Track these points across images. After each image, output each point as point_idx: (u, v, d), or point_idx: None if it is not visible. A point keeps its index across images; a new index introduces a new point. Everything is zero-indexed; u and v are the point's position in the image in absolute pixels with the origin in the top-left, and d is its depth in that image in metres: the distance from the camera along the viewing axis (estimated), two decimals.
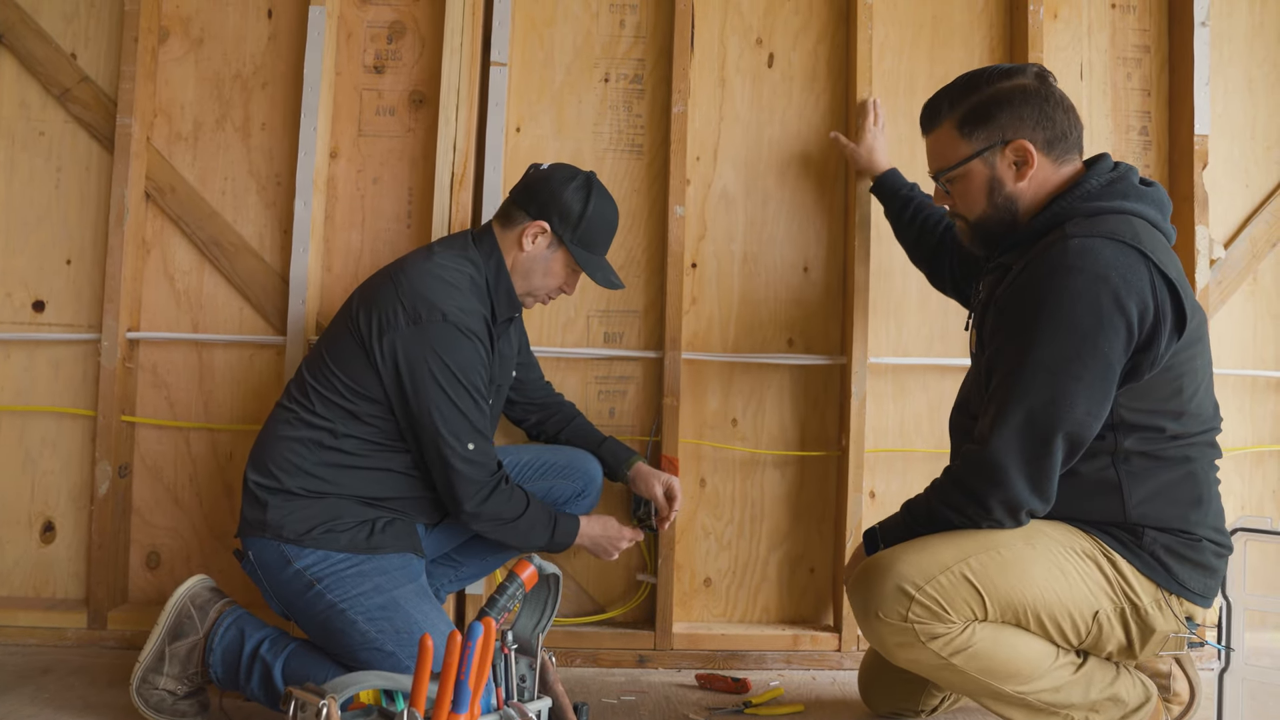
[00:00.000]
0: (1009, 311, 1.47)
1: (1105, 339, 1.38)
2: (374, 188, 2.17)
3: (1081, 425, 1.41)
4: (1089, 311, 1.37)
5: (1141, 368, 1.42)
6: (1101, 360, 1.38)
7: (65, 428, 2.15)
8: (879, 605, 1.47)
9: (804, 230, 2.22)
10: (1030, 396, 1.41)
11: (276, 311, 2.14)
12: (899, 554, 1.49)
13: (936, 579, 1.44)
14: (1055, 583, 1.45)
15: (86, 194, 2.15)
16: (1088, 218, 1.46)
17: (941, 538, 1.49)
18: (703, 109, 2.21)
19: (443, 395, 1.63)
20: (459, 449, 1.65)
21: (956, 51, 2.25)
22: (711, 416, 2.20)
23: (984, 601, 1.44)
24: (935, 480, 1.55)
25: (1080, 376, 1.39)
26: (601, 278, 1.81)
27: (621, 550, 1.91)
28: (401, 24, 2.19)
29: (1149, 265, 1.39)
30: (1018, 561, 1.45)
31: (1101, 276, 1.37)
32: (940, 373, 2.22)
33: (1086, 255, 1.39)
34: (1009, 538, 1.47)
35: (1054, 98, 1.53)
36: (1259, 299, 2.30)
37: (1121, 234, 1.41)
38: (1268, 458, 2.30)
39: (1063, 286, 1.39)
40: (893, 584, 1.45)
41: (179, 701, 1.63)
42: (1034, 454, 1.42)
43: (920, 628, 1.45)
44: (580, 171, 1.80)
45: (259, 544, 1.64)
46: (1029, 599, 1.45)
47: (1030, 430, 1.41)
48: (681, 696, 1.90)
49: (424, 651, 1.21)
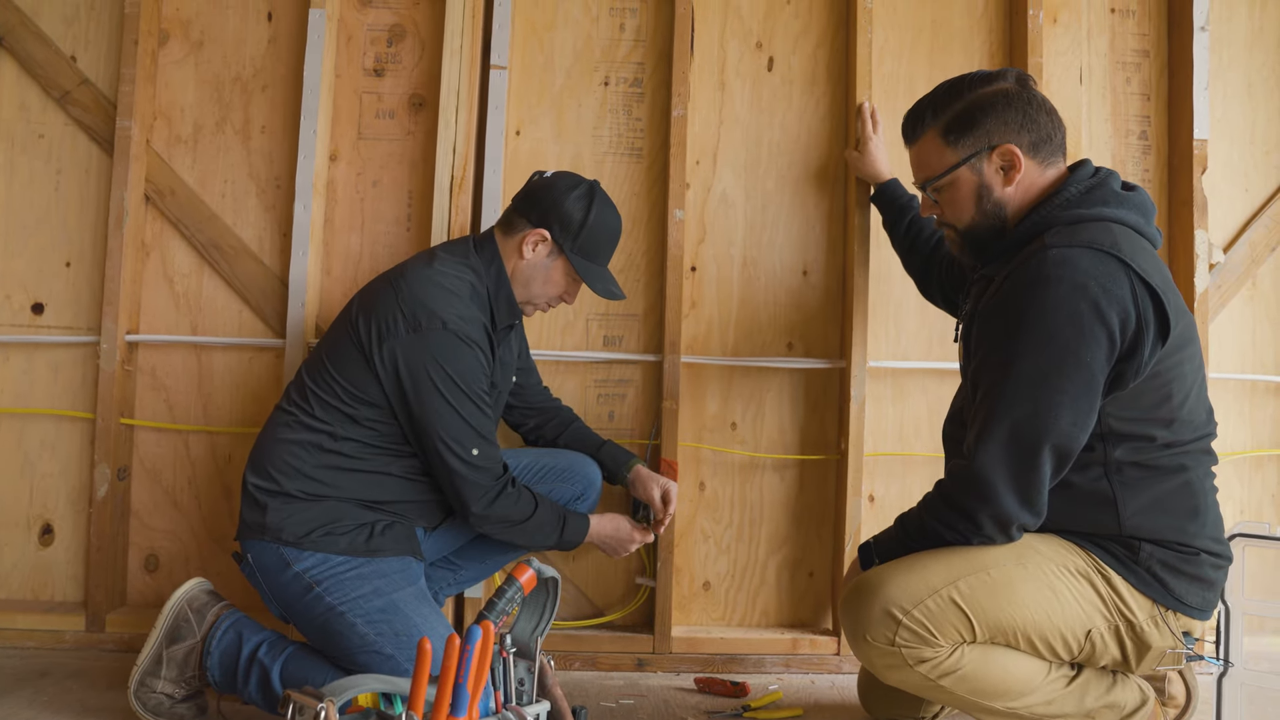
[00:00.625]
0: (990, 324, 1.46)
1: (1087, 349, 1.36)
2: (374, 191, 2.17)
3: (1067, 437, 1.39)
4: (1069, 322, 1.36)
5: (1126, 376, 1.40)
6: (1084, 371, 1.37)
7: (64, 430, 2.15)
8: (867, 628, 1.46)
9: (803, 234, 2.22)
10: (1014, 410, 1.40)
11: (276, 314, 2.14)
12: (888, 575, 1.47)
13: (924, 603, 1.43)
14: (1046, 603, 1.44)
15: (86, 196, 2.15)
16: (1067, 226, 1.45)
17: (932, 557, 1.48)
18: (702, 113, 2.22)
19: (444, 403, 1.63)
20: (463, 454, 1.65)
21: (956, 56, 2.25)
22: (711, 420, 2.20)
23: (972, 625, 1.43)
24: (927, 495, 1.54)
25: (1063, 388, 1.38)
26: (602, 288, 1.80)
27: (632, 549, 1.92)
28: (401, 27, 2.19)
29: (1129, 273, 1.38)
30: (1008, 583, 1.44)
31: (1080, 286, 1.37)
32: (939, 377, 2.22)
33: (1065, 265, 1.38)
34: (1000, 557, 1.45)
35: (1036, 101, 1.53)
36: (1258, 303, 2.30)
37: (1100, 242, 1.40)
38: (1267, 462, 2.30)
39: (1042, 297, 1.38)
40: (880, 607, 1.44)
41: (177, 705, 1.63)
42: (1021, 468, 1.40)
43: (907, 651, 1.44)
44: (583, 180, 1.80)
45: (258, 547, 1.64)
46: (1018, 621, 1.44)
47: (1015, 444, 1.40)
48: (680, 700, 1.90)
49: (422, 654, 1.21)
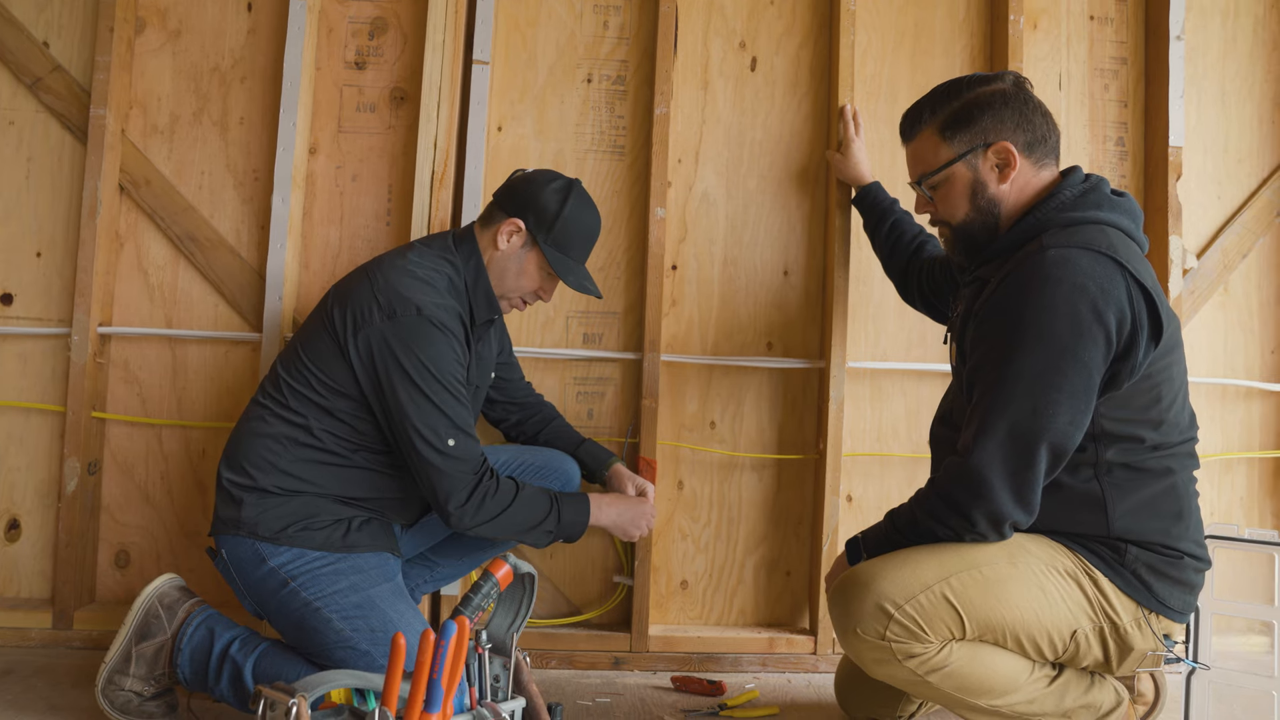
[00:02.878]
0: (989, 324, 1.47)
1: (1085, 348, 1.38)
2: (353, 185, 2.16)
3: (1064, 435, 1.41)
4: (1068, 322, 1.38)
5: (1121, 376, 1.43)
6: (1082, 370, 1.39)
7: (33, 423, 2.11)
8: (857, 622, 1.46)
9: (784, 234, 2.23)
10: (1012, 407, 1.41)
11: (252, 308, 2.11)
12: (880, 569, 1.47)
13: (916, 598, 1.43)
14: (1035, 603, 1.45)
15: (58, 185, 2.12)
16: (1063, 228, 1.48)
17: (924, 552, 1.48)
18: (685, 111, 2.22)
19: (419, 391, 1.61)
20: (438, 445, 1.62)
21: (937, 60, 2.26)
22: (690, 419, 2.20)
23: (963, 622, 1.44)
24: (919, 491, 1.55)
25: (1061, 386, 1.39)
26: (575, 281, 1.78)
27: (647, 524, 1.84)
28: (383, 20, 2.17)
29: (1125, 274, 1.41)
30: (999, 581, 1.45)
31: (1079, 287, 1.39)
32: (918, 378, 2.23)
33: (1064, 266, 1.40)
34: (991, 555, 1.46)
35: (1032, 102, 1.56)
36: (1230, 309, 2.34)
37: (1097, 244, 1.42)
38: (1236, 465, 2.34)
39: (1041, 297, 1.40)
40: (872, 601, 1.44)
41: (145, 703, 1.60)
42: (1017, 465, 1.41)
43: (897, 646, 1.44)
44: (564, 177, 1.79)
45: (232, 542, 1.62)
46: (1008, 620, 1.45)
47: (1013, 441, 1.41)
48: (657, 699, 1.90)
49: (396, 649, 1.19)
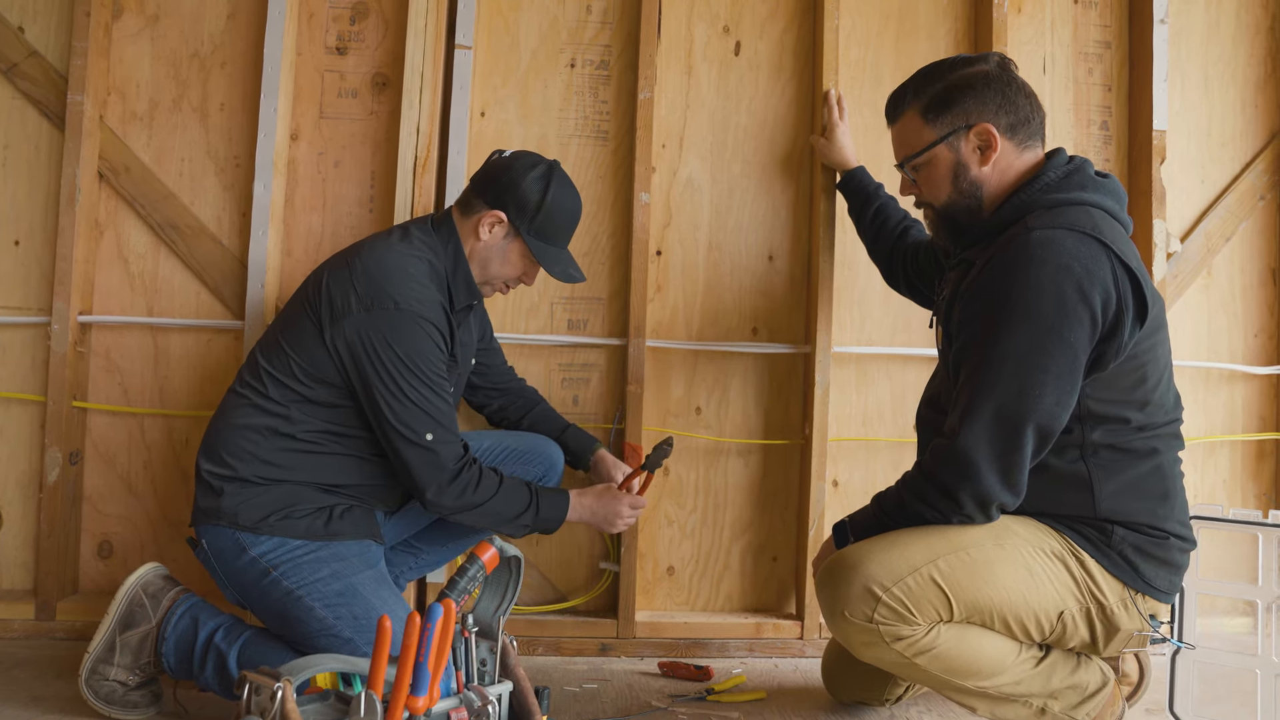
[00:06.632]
0: (975, 305, 1.48)
1: (1071, 329, 1.39)
2: (335, 171, 2.14)
3: (1051, 416, 1.41)
4: (1054, 303, 1.39)
5: (1106, 357, 1.43)
6: (1068, 350, 1.39)
7: (13, 413, 2.09)
8: (845, 604, 1.46)
9: (769, 219, 2.22)
10: (999, 388, 1.41)
11: (235, 296, 2.10)
12: (868, 552, 1.47)
13: (904, 580, 1.43)
14: (1022, 584, 1.45)
15: (36, 173, 2.09)
16: (1048, 210, 1.48)
17: (912, 535, 1.48)
18: (669, 96, 2.21)
19: (396, 386, 1.60)
20: (416, 439, 1.61)
21: (922, 44, 2.26)
22: (675, 404, 2.19)
23: (950, 604, 1.44)
24: (906, 474, 1.55)
25: (1047, 367, 1.39)
26: (559, 271, 1.76)
27: (627, 521, 1.81)
28: (365, 4, 2.15)
29: (1110, 255, 1.41)
30: (986, 563, 1.45)
31: (1065, 267, 1.39)
32: (903, 362, 2.23)
33: (1049, 247, 1.40)
34: (979, 537, 1.47)
35: (1016, 84, 1.56)
36: (1213, 292, 2.35)
37: (1082, 225, 1.43)
38: (1219, 448, 2.35)
39: (1027, 278, 1.40)
40: (860, 584, 1.44)
41: (130, 692, 1.59)
42: (1004, 446, 1.42)
43: (885, 629, 1.44)
44: (543, 160, 1.76)
45: (213, 532, 1.61)
46: (995, 602, 1.45)
47: (1000, 422, 1.41)
48: (644, 684, 1.90)
49: (382, 633, 1.19)
